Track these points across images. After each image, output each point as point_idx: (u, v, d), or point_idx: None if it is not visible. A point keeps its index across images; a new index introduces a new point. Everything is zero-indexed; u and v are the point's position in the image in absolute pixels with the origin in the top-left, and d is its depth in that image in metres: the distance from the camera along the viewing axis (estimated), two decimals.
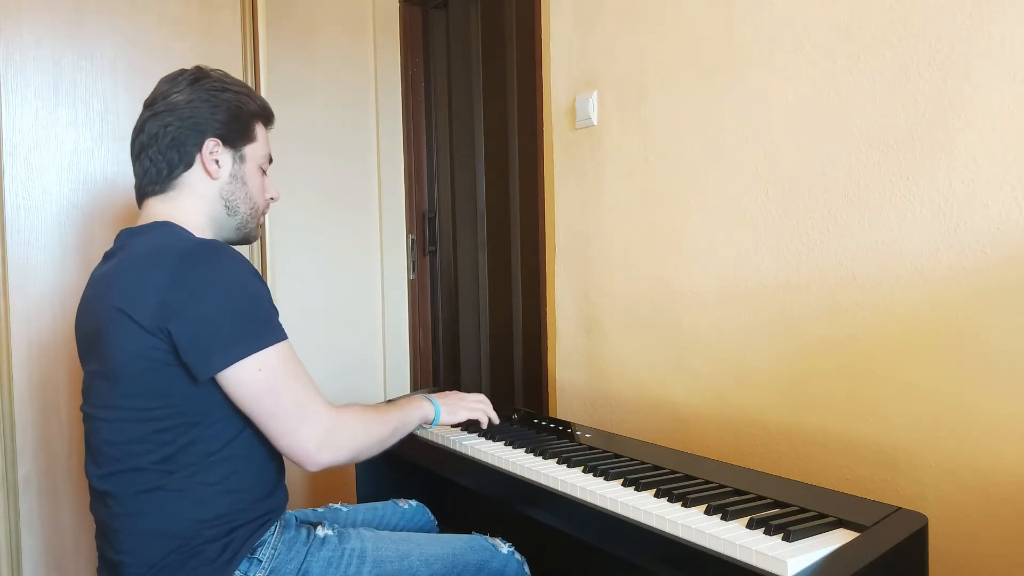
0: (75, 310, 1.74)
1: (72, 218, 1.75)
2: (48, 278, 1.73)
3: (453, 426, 1.48)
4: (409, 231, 2.42)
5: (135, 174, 1.17)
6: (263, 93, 2.00)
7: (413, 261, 2.43)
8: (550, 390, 1.95)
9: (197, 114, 1.14)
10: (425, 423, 1.29)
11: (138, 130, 1.16)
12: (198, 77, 1.16)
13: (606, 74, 1.73)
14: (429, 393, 1.37)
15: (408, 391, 2.40)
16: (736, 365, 1.47)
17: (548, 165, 1.91)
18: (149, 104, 1.16)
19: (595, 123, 1.76)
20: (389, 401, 1.64)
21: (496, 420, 1.41)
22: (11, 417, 1.68)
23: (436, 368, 2.52)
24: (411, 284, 2.43)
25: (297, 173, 2.11)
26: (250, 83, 2.01)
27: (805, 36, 1.33)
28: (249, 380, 1.02)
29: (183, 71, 1.18)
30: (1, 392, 1.67)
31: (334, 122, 2.22)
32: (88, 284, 1.16)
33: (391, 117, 2.36)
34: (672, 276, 1.59)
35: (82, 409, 1.12)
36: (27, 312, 1.70)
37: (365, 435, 1.13)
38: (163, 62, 1.87)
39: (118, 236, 1.16)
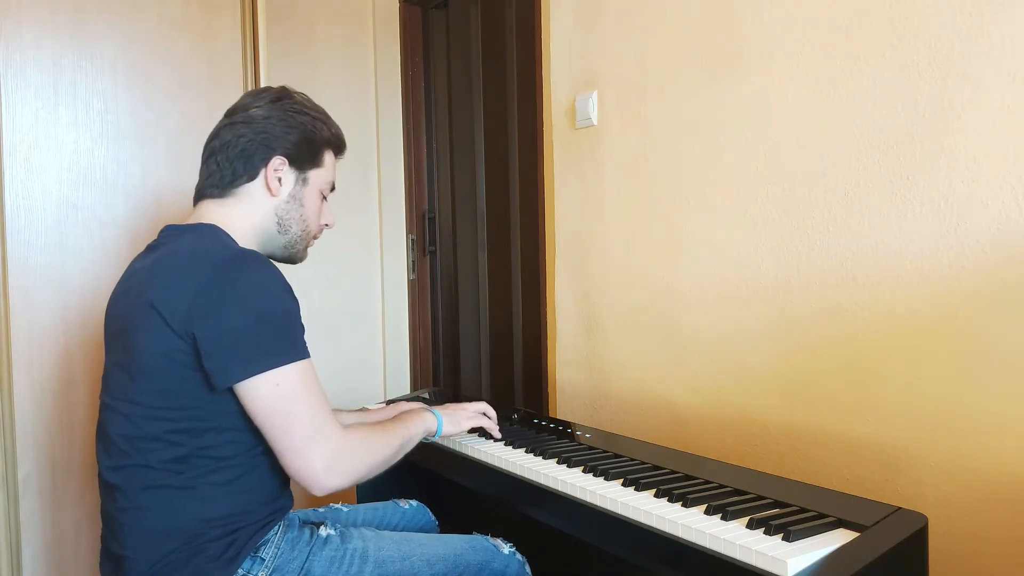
0: (76, 310, 1.76)
1: (72, 218, 1.75)
2: (48, 278, 1.73)
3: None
4: (409, 231, 2.42)
5: (200, 174, 1.20)
6: None
7: (413, 261, 2.43)
8: (550, 390, 1.95)
9: (271, 130, 1.16)
10: (429, 435, 1.30)
11: (213, 136, 1.19)
12: (280, 96, 1.19)
13: (606, 74, 1.73)
14: (429, 393, 1.37)
15: (408, 391, 2.40)
16: (736, 365, 1.47)
17: (548, 165, 1.91)
18: (229, 113, 1.19)
19: (595, 123, 1.76)
20: (390, 401, 1.64)
21: (496, 431, 1.42)
22: (11, 417, 1.68)
23: (436, 368, 2.52)
24: (411, 284, 2.43)
25: None
26: (250, 83, 2.02)
27: (805, 36, 1.33)
28: (265, 395, 1.02)
29: (269, 88, 1.21)
30: (1, 392, 1.67)
31: None
32: (125, 275, 1.16)
33: (391, 117, 2.36)
34: (672, 276, 1.59)
35: (100, 398, 1.12)
36: (27, 312, 1.70)
37: (372, 459, 1.12)
38: (163, 62, 1.87)
39: (163, 230, 1.17)
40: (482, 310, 2.40)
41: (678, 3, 1.55)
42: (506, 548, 1.26)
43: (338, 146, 1.27)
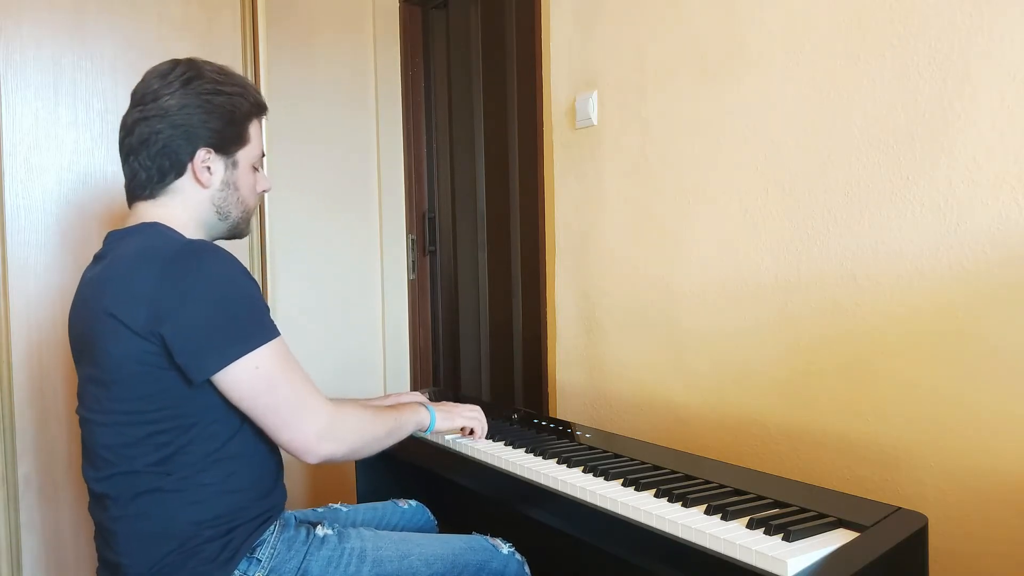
0: None
1: (72, 218, 1.75)
2: (48, 278, 1.73)
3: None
4: (409, 231, 2.42)
5: (124, 174, 1.15)
6: (263, 94, 2.00)
7: (413, 261, 2.43)
8: (550, 390, 1.95)
9: (189, 121, 1.10)
10: (420, 429, 1.29)
11: (127, 130, 1.12)
12: (190, 77, 1.11)
13: (606, 74, 1.73)
14: (428, 394, 1.37)
15: (408, 391, 2.40)
16: (736, 365, 1.47)
17: (548, 165, 1.91)
18: (138, 101, 1.12)
19: (595, 123, 1.76)
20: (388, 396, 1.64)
21: (485, 431, 1.41)
22: (11, 417, 1.68)
23: (436, 368, 2.52)
24: (411, 284, 2.43)
25: (297, 173, 2.11)
26: None
27: (805, 36, 1.33)
28: (246, 379, 1.02)
29: (175, 65, 1.12)
30: (1, 392, 1.67)
31: (334, 122, 2.22)
32: (79, 287, 1.15)
33: (391, 117, 2.36)
34: (672, 276, 1.59)
35: (78, 412, 1.11)
36: (27, 312, 1.70)
37: (362, 430, 1.13)
38: None
39: (107, 238, 1.15)
40: (482, 310, 2.40)
41: (678, 3, 1.55)
42: (505, 548, 1.26)
43: (260, 111, 1.20)
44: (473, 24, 2.35)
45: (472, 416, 1.38)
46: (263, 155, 1.24)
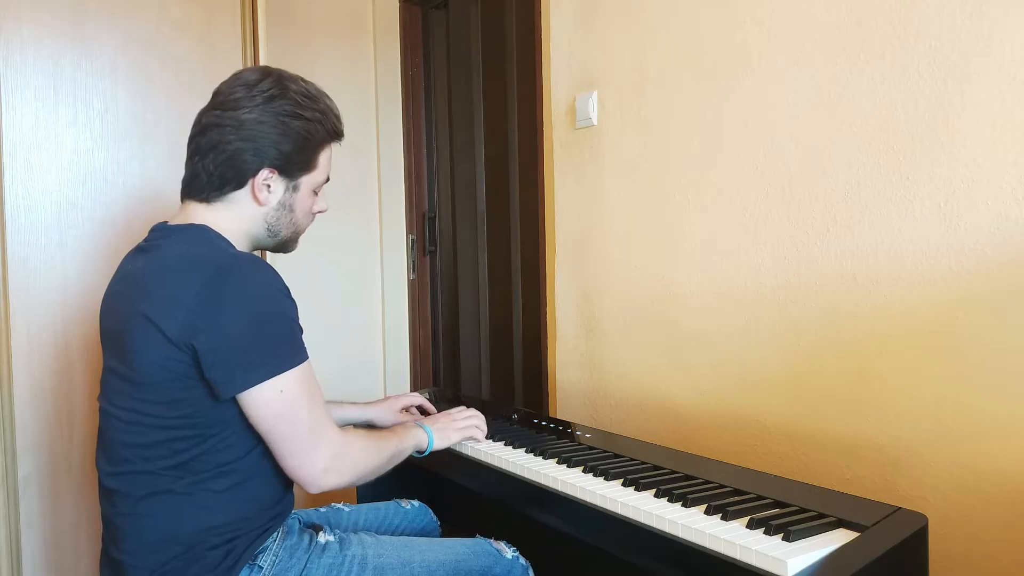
0: (76, 309, 1.75)
1: (72, 218, 1.75)
2: (48, 278, 1.72)
3: None
4: (409, 231, 2.42)
5: (185, 169, 1.14)
6: None
7: (413, 261, 2.43)
8: (550, 390, 1.95)
9: (261, 139, 1.09)
10: (418, 451, 1.29)
11: (200, 129, 1.11)
12: (274, 95, 1.10)
13: (606, 74, 1.73)
14: (428, 394, 1.37)
15: (408, 391, 2.40)
16: (736, 365, 1.47)
17: (548, 165, 1.91)
18: (219, 105, 1.11)
19: (595, 123, 1.76)
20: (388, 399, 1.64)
21: (485, 431, 1.41)
22: (11, 417, 1.68)
23: (436, 368, 2.52)
24: (411, 284, 2.43)
25: None
26: None
27: (805, 36, 1.33)
28: (269, 402, 1.02)
29: (263, 76, 1.11)
30: (1, 392, 1.67)
31: None
32: (117, 275, 1.14)
33: (391, 117, 2.36)
34: (672, 276, 1.59)
35: (99, 401, 1.11)
36: (27, 312, 1.70)
37: (366, 463, 1.13)
38: (163, 62, 1.87)
39: (153, 229, 1.13)
40: (482, 310, 2.40)
41: (678, 3, 1.55)
42: (509, 552, 1.25)
43: (336, 137, 1.20)
44: (473, 24, 2.35)
45: (467, 425, 1.38)
46: (327, 179, 1.23)
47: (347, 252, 2.26)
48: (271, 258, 1.88)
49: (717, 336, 1.50)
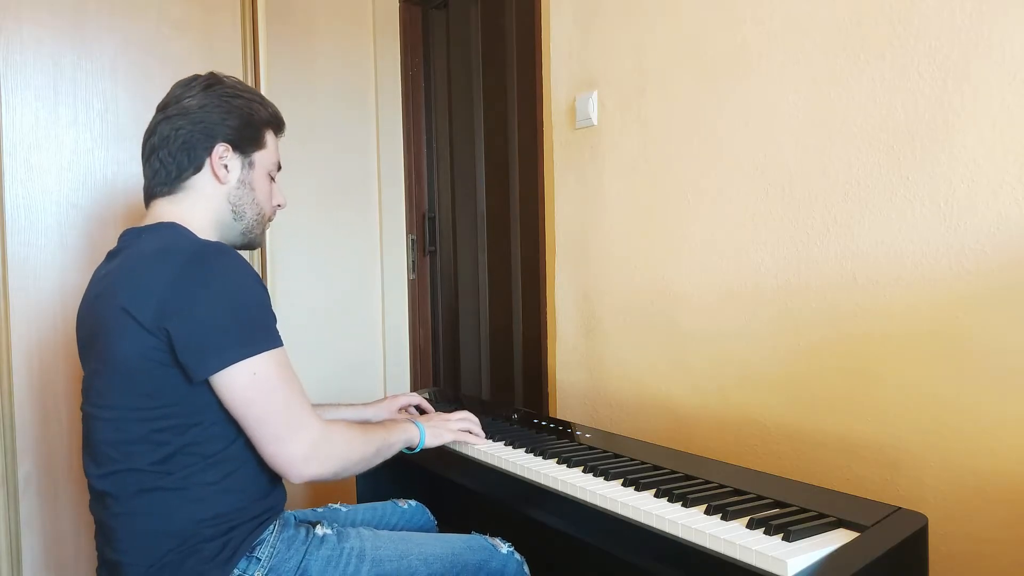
0: (75, 309, 1.75)
1: (72, 218, 1.75)
2: (48, 278, 1.72)
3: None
4: (409, 231, 2.42)
5: (144, 175, 1.18)
6: (263, 93, 2.00)
7: (413, 261, 2.43)
8: (550, 390, 1.95)
9: (208, 118, 1.15)
10: (409, 447, 1.29)
11: (150, 132, 1.17)
12: (211, 83, 1.17)
13: (606, 74, 1.73)
14: (428, 394, 1.37)
15: (408, 391, 2.40)
16: (736, 365, 1.47)
17: (548, 165, 1.91)
18: (162, 108, 1.17)
19: (595, 123, 1.76)
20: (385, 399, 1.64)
21: (482, 435, 1.41)
22: (11, 417, 1.68)
23: (436, 368, 2.52)
24: (411, 284, 2.43)
25: (297, 173, 2.11)
26: (250, 83, 2.01)
27: (805, 36, 1.33)
28: (241, 385, 1.02)
29: (197, 76, 1.19)
30: (1, 392, 1.67)
31: (334, 122, 2.22)
32: (90, 283, 1.16)
33: (391, 117, 2.36)
34: (672, 276, 1.59)
35: (82, 408, 1.12)
36: (27, 312, 1.70)
37: (350, 451, 1.13)
38: (163, 62, 1.87)
39: (122, 235, 1.16)
40: (482, 310, 2.40)
41: (678, 3, 1.55)
42: (504, 547, 1.26)
43: (277, 125, 1.26)
44: (473, 24, 2.35)
45: (461, 427, 1.39)
46: (279, 167, 1.27)
47: (347, 252, 2.26)
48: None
49: (717, 336, 1.50)
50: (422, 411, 1.56)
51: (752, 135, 1.43)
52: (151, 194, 1.18)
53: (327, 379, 2.17)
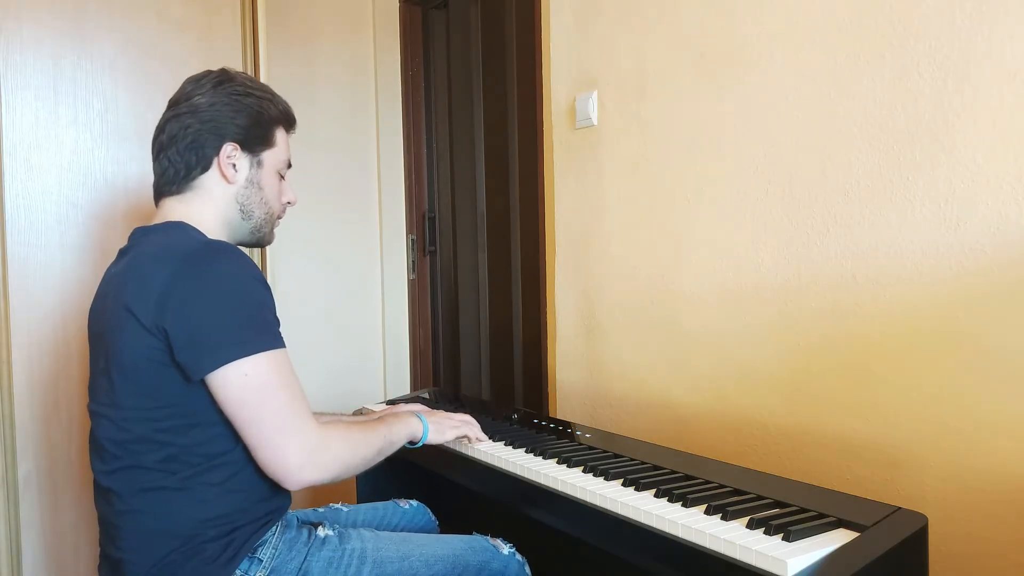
0: (75, 309, 1.75)
1: (72, 218, 1.75)
2: (48, 278, 1.73)
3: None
4: (409, 231, 2.42)
5: (154, 172, 1.17)
6: None
7: (413, 261, 2.43)
8: (550, 390, 1.95)
9: (218, 117, 1.14)
10: (412, 442, 1.28)
11: (160, 130, 1.16)
12: (222, 80, 1.16)
13: (606, 74, 1.73)
14: (429, 393, 1.37)
15: (408, 391, 2.40)
16: (736, 365, 1.47)
17: (548, 165, 1.91)
18: (173, 104, 1.16)
19: (595, 123, 1.76)
20: (390, 401, 1.64)
21: (483, 439, 1.41)
22: (11, 417, 1.68)
23: (436, 368, 2.52)
24: (411, 284, 2.43)
25: (297, 173, 2.11)
26: None
27: (805, 36, 1.33)
28: (234, 385, 1.00)
29: (209, 72, 1.18)
30: (1, 392, 1.67)
31: (334, 122, 2.22)
32: (101, 282, 1.16)
33: (391, 117, 2.36)
34: (672, 276, 1.59)
35: (88, 406, 1.11)
36: (27, 312, 1.70)
37: (351, 456, 1.10)
38: (163, 62, 1.87)
39: (132, 234, 1.16)
40: (482, 310, 2.40)
41: (678, 3, 1.55)
42: (506, 548, 1.26)
43: (288, 122, 1.24)
44: (473, 24, 2.35)
45: (463, 429, 1.38)
46: (289, 165, 1.26)
47: (347, 252, 2.26)
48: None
49: (717, 336, 1.50)
50: None
51: (752, 135, 1.43)
52: (160, 192, 1.18)
53: (327, 379, 2.17)
